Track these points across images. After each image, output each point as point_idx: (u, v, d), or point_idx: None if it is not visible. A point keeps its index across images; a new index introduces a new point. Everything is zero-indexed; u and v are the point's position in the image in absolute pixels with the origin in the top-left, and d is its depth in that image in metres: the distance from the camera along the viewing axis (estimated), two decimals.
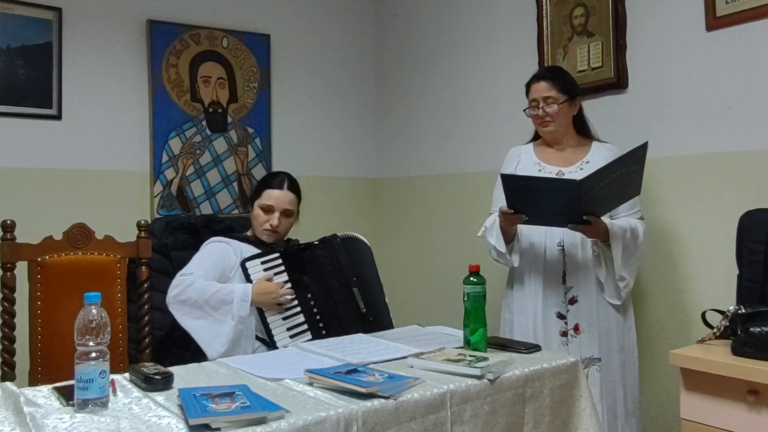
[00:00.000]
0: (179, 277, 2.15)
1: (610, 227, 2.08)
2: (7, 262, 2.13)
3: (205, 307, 2.08)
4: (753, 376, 1.65)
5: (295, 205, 2.35)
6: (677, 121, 2.40)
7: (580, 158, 2.26)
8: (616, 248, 2.10)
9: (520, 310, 2.28)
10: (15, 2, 2.85)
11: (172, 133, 3.25)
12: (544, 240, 2.23)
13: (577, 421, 1.68)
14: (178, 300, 2.11)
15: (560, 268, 2.21)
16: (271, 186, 2.33)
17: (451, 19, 3.39)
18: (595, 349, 2.16)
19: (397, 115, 3.78)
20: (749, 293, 1.91)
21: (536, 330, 2.21)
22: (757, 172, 2.17)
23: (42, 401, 1.35)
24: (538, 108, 2.25)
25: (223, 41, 3.41)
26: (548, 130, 2.27)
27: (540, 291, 2.23)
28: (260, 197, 2.32)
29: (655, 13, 2.47)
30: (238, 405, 1.23)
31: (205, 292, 2.09)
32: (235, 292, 2.10)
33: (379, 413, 1.33)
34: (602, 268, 2.16)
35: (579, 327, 2.18)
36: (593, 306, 2.18)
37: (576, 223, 2.04)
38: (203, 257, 2.24)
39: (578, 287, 2.19)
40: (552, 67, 2.35)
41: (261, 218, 2.30)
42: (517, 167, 2.32)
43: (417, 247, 3.62)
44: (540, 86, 2.25)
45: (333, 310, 2.19)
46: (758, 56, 2.18)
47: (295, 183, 2.38)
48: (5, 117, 2.84)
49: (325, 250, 2.25)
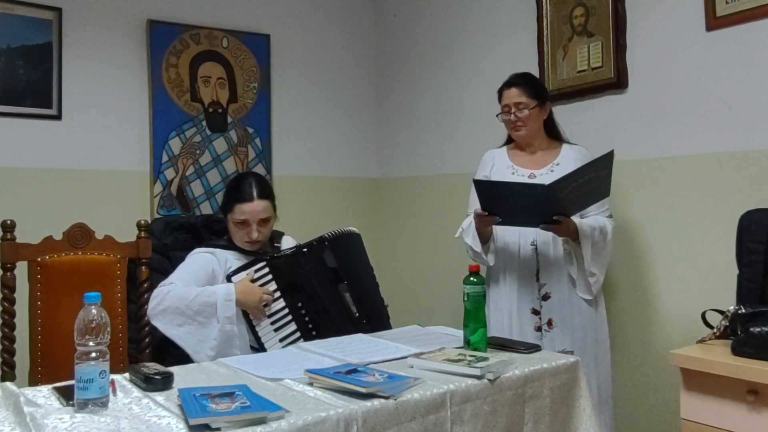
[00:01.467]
0: (158, 288, 2.08)
1: (580, 226, 2.18)
2: (7, 262, 2.12)
3: (188, 312, 2.01)
4: (753, 376, 1.65)
5: (270, 211, 2.22)
6: (677, 121, 2.40)
7: (551, 161, 2.35)
8: (586, 246, 2.19)
9: (496, 307, 2.35)
10: (15, 2, 2.85)
11: (172, 133, 3.25)
12: (518, 239, 2.32)
13: (577, 421, 1.68)
14: (158, 310, 2.03)
15: (534, 266, 2.29)
16: (239, 199, 2.18)
17: (451, 19, 3.39)
18: (568, 342, 2.25)
19: (397, 115, 3.78)
20: (749, 293, 1.91)
21: (512, 325, 2.30)
22: (757, 172, 2.17)
23: (42, 401, 1.35)
24: (510, 113, 2.35)
25: (223, 41, 3.41)
26: (520, 134, 2.37)
27: (515, 288, 2.31)
28: (231, 211, 2.20)
29: (655, 13, 2.47)
30: (238, 405, 1.23)
31: (186, 296, 2.01)
32: (218, 293, 2.03)
33: (379, 413, 1.33)
34: (573, 265, 2.26)
35: (552, 322, 2.27)
36: (566, 301, 2.27)
37: (547, 223, 2.12)
38: (185, 267, 2.16)
39: (551, 284, 2.27)
40: (522, 74, 2.43)
41: (238, 233, 2.20)
42: (491, 170, 2.43)
43: (417, 247, 3.62)
44: (511, 92, 2.35)
45: (325, 317, 2.15)
46: (758, 56, 2.18)
47: (264, 187, 2.25)
48: (5, 117, 2.84)
49: (313, 255, 2.19)
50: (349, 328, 2.13)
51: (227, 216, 2.24)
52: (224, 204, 2.28)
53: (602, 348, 2.31)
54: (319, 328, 2.11)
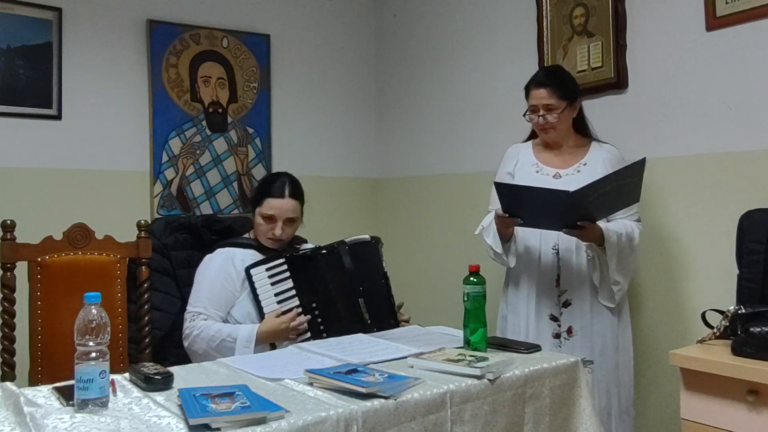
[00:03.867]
0: (188, 322, 2.14)
1: (606, 232, 2.08)
2: (7, 262, 2.12)
3: (214, 354, 2.04)
4: (753, 376, 1.65)
5: (298, 212, 2.27)
6: (677, 121, 2.40)
7: (578, 160, 2.26)
8: (611, 253, 2.10)
9: (513, 310, 2.31)
10: (15, 2, 2.85)
11: (172, 133, 3.25)
12: (539, 243, 2.25)
13: (577, 421, 1.68)
14: (191, 350, 2.13)
15: (554, 271, 2.22)
16: (271, 194, 2.23)
17: (451, 19, 3.39)
18: (587, 351, 2.16)
19: (397, 115, 3.78)
20: (749, 293, 1.91)
21: (528, 330, 2.24)
22: (757, 172, 2.17)
23: (42, 401, 1.34)
24: (538, 114, 2.24)
25: (223, 41, 3.41)
26: (548, 137, 2.28)
27: (534, 293, 2.25)
28: (260, 205, 2.24)
29: (655, 13, 2.47)
30: (238, 405, 1.23)
31: (212, 341, 2.07)
32: (238, 340, 2.06)
33: (379, 413, 1.33)
34: (596, 271, 2.17)
35: (572, 330, 2.20)
36: (587, 309, 2.20)
37: (570, 227, 2.05)
38: (209, 285, 2.18)
39: (572, 291, 2.21)
40: (552, 71, 2.33)
41: (263, 227, 2.23)
42: (515, 166, 2.34)
43: (417, 247, 3.62)
44: (540, 93, 2.23)
45: (336, 320, 2.15)
46: (758, 56, 2.18)
47: (297, 187, 2.29)
48: (5, 117, 2.84)
49: (332, 258, 2.21)
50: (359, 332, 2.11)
51: (255, 210, 2.27)
52: (255, 198, 2.30)
53: (624, 356, 2.23)
54: (330, 330, 2.11)
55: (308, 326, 2.12)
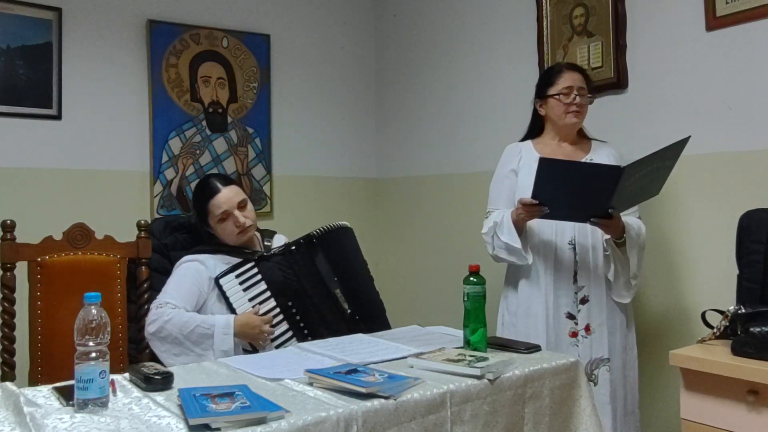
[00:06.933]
0: (155, 309, 2.04)
1: (627, 226, 2.09)
2: (7, 262, 2.13)
3: (186, 342, 1.98)
4: (753, 376, 1.65)
5: (243, 194, 2.20)
6: (677, 121, 2.40)
7: (583, 156, 2.25)
8: (632, 247, 2.12)
9: (526, 312, 2.21)
10: (15, 2, 2.85)
11: (172, 133, 3.25)
12: (554, 238, 2.18)
13: (577, 421, 1.68)
14: (157, 337, 2.00)
15: (571, 266, 2.16)
16: (210, 196, 2.16)
17: (452, 20, 3.39)
18: (605, 349, 2.15)
19: (397, 115, 3.78)
20: (749, 293, 1.91)
21: (547, 332, 2.15)
22: (757, 172, 2.17)
23: (42, 401, 1.35)
24: (572, 95, 2.19)
25: (223, 41, 3.41)
26: (575, 122, 2.22)
27: (551, 291, 2.17)
28: (209, 214, 2.17)
29: (655, 13, 2.47)
30: (238, 405, 1.23)
31: (185, 327, 1.97)
32: (216, 326, 1.99)
33: (379, 413, 1.33)
34: (610, 267, 2.14)
35: (590, 327, 2.15)
36: (603, 305, 2.16)
37: (599, 217, 2.00)
38: (178, 282, 2.12)
39: (589, 286, 2.16)
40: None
41: (227, 227, 2.16)
42: (519, 163, 2.28)
43: (417, 247, 3.62)
44: (577, 76, 2.22)
45: (316, 315, 2.13)
46: (758, 56, 2.18)
47: (225, 177, 2.31)
48: (5, 117, 2.84)
49: (302, 253, 2.16)
50: (342, 325, 2.12)
51: (209, 223, 2.20)
52: (200, 212, 2.23)
53: (630, 355, 2.21)
54: (311, 328, 2.10)
55: (289, 327, 2.09)
